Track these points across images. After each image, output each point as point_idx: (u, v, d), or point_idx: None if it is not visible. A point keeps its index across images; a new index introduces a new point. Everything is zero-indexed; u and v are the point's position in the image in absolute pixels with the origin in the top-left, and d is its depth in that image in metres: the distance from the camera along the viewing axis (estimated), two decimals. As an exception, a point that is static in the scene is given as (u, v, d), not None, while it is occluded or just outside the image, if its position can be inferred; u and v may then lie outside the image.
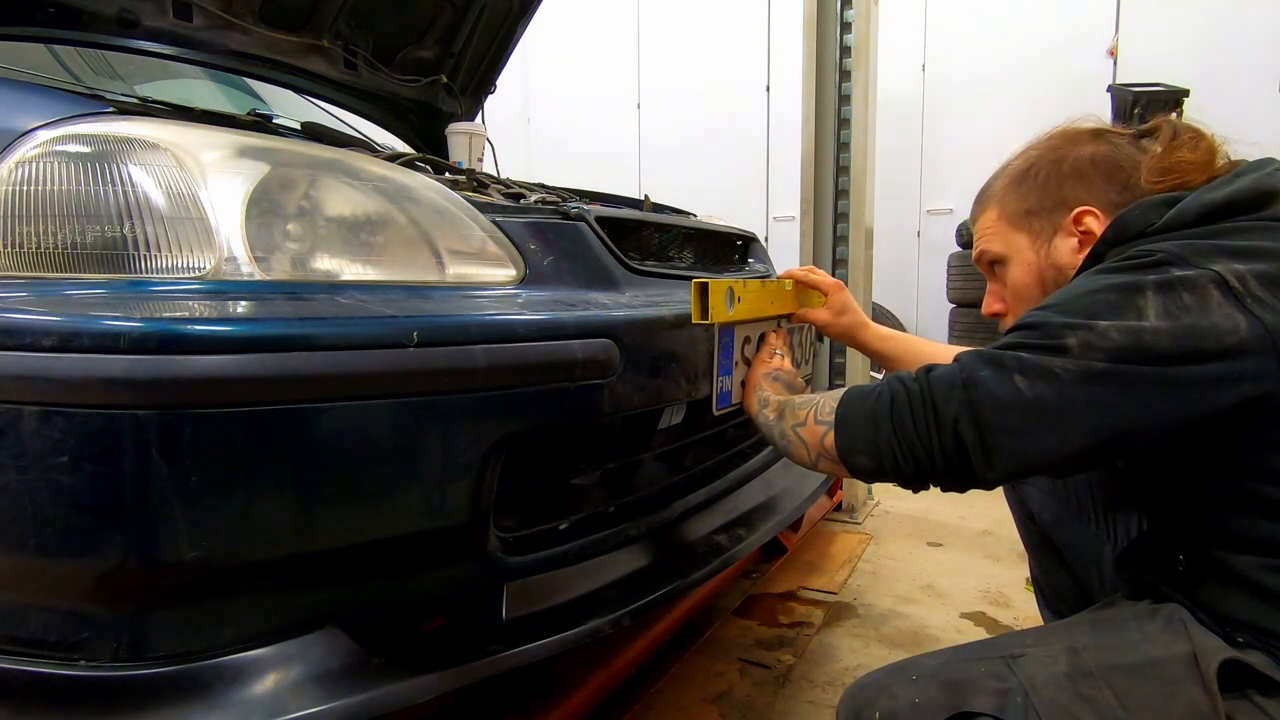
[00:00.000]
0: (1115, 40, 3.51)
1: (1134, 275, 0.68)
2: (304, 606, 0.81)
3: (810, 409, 0.85)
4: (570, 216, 1.14)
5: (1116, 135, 0.88)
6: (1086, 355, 0.66)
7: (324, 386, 0.74)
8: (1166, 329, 0.65)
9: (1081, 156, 0.87)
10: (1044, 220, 0.88)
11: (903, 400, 0.74)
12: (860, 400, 0.79)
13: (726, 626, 1.74)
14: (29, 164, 0.79)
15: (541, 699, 1.19)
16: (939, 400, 0.71)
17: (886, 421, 0.74)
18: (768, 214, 4.30)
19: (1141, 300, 0.66)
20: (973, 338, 3.40)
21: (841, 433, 0.79)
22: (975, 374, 0.70)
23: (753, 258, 1.76)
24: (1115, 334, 0.66)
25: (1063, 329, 0.68)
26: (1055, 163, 0.88)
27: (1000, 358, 0.70)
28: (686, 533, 1.25)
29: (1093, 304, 0.68)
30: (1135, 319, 0.66)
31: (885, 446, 0.74)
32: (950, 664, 0.75)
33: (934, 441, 0.71)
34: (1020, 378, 0.68)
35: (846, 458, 0.79)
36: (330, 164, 0.93)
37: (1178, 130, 0.84)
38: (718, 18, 4.38)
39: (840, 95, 2.84)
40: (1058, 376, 0.67)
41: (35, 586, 0.75)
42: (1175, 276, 0.66)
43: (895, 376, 0.77)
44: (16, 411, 0.69)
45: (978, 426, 0.69)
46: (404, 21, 2.11)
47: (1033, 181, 0.89)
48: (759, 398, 1.04)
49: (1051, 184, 0.88)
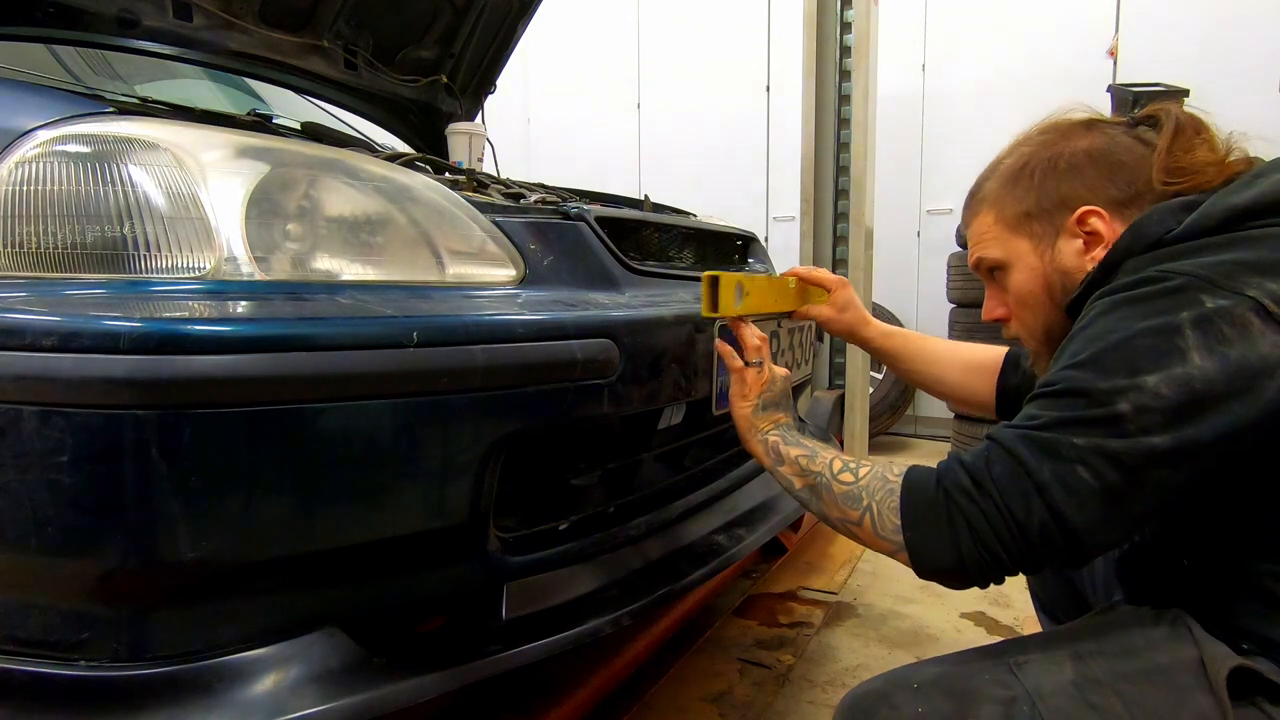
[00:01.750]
0: (1115, 40, 3.51)
1: (1165, 314, 0.65)
2: (304, 606, 0.81)
3: (863, 513, 0.78)
4: (570, 216, 1.14)
5: (1110, 125, 0.85)
6: (1143, 421, 0.63)
7: (324, 386, 0.74)
8: (1216, 371, 0.63)
9: (1077, 151, 0.83)
10: (1044, 223, 0.84)
11: (980, 521, 0.69)
12: (929, 522, 0.73)
13: (726, 626, 1.74)
14: (29, 164, 0.79)
15: (541, 699, 1.19)
16: (1018, 512, 0.67)
17: (970, 545, 0.69)
18: (768, 214, 4.30)
19: (1181, 341, 0.64)
20: (973, 338, 3.39)
21: (918, 558, 0.74)
22: (1039, 476, 0.66)
23: (753, 258, 1.76)
24: (1166, 389, 0.63)
25: (1111, 395, 0.65)
26: (1050, 160, 0.84)
27: (1056, 445, 0.66)
28: (686, 533, 1.25)
29: (1132, 355, 0.65)
30: (1180, 365, 0.63)
31: (972, 564, 0.70)
32: (952, 671, 0.74)
33: (1023, 550, 0.68)
34: (1083, 468, 0.65)
35: (927, 576, 0.75)
36: (330, 164, 0.93)
37: (1180, 124, 0.80)
38: (718, 18, 4.38)
39: (840, 95, 2.84)
40: (1122, 462, 0.64)
41: (35, 586, 0.75)
42: (1210, 309, 0.64)
43: (956, 485, 0.71)
44: (17, 412, 0.69)
45: (1061, 529, 0.66)
46: (404, 21, 2.11)
47: (1028, 181, 0.85)
48: (763, 444, 0.95)
49: (1049, 183, 0.84)
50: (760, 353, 1.01)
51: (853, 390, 2.90)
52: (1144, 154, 0.81)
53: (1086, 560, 0.69)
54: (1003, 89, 3.73)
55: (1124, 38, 3.50)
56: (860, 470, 0.81)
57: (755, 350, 1.01)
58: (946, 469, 0.73)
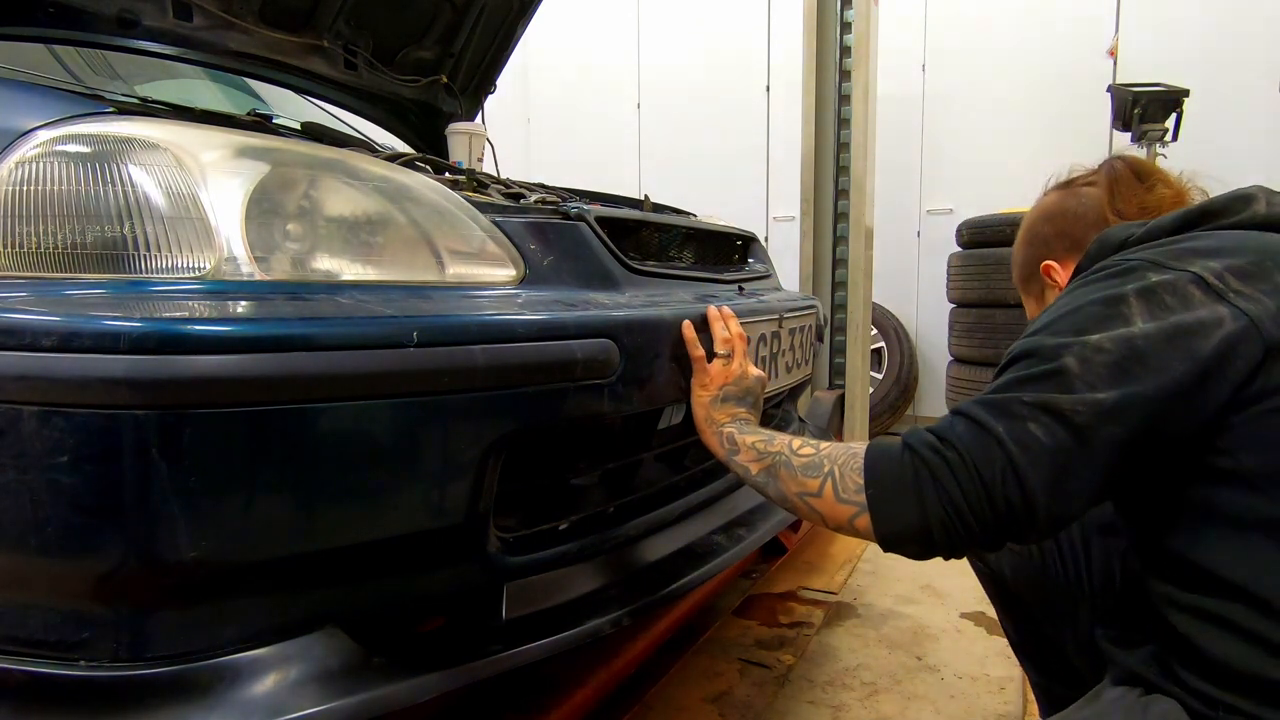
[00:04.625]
0: (1115, 40, 3.51)
1: (1115, 287, 0.70)
2: (304, 606, 0.81)
3: (823, 479, 0.78)
4: (570, 216, 1.14)
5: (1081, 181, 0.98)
6: (1088, 376, 0.66)
7: (324, 386, 0.74)
8: (1155, 329, 0.66)
9: (1038, 218, 1.00)
10: (1035, 282, 1.01)
11: (945, 473, 0.69)
12: (893, 476, 0.72)
13: (726, 626, 1.74)
14: (29, 164, 0.79)
15: (542, 699, 1.19)
16: (980, 462, 0.67)
17: (934, 500, 0.69)
18: (768, 214, 4.30)
19: (1126, 308, 0.68)
20: (972, 337, 3.39)
21: (880, 518, 0.73)
22: (996, 430, 0.67)
23: (753, 258, 1.76)
24: (1108, 344, 0.66)
25: (1056, 350, 0.68)
26: (1025, 229, 1.02)
27: (1008, 405, 0.68)
28: (686, 533, 1.25)
29: (1080, 320, 0.69)
30: (1123, 326, 0.67)
31: (937, 525, 0.69)
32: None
33: (988, 513, 0.67)
34: (1034, 425, 0.66)
35: (889, 543, 0.73)
36: (330, 164, 0.93)
37: (1117, 173, 0.93)
38: (718, 18, 4.38)
39: (840, 95, 2.84)
40: (1069, 418, 0.65)
41: (35, 586, 0.75)
42: (1155, 281, 0.69)
43: (920, 442, 0.72)
44: (16, 411, 0.69)
45: (1019, 484, 0.66)
46: (404, 21, 2.11)
47: (1018, 252, 1.04)
48: (718, 435, 0.95)
49: (1024, 251, 1.02)
50: (729, 345, 1.02)
51: (853, 390, 2.90)
52: (1099, 198, 0.93)
53: (1042, 530, 0.69)
54: (1003, 89, 3.73)
55: (1124, 38, 3.50)
56: (822, 444, 0.82)
57: (724, 343, 1.03)
58: (911, 432, 0.74)
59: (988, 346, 3.32)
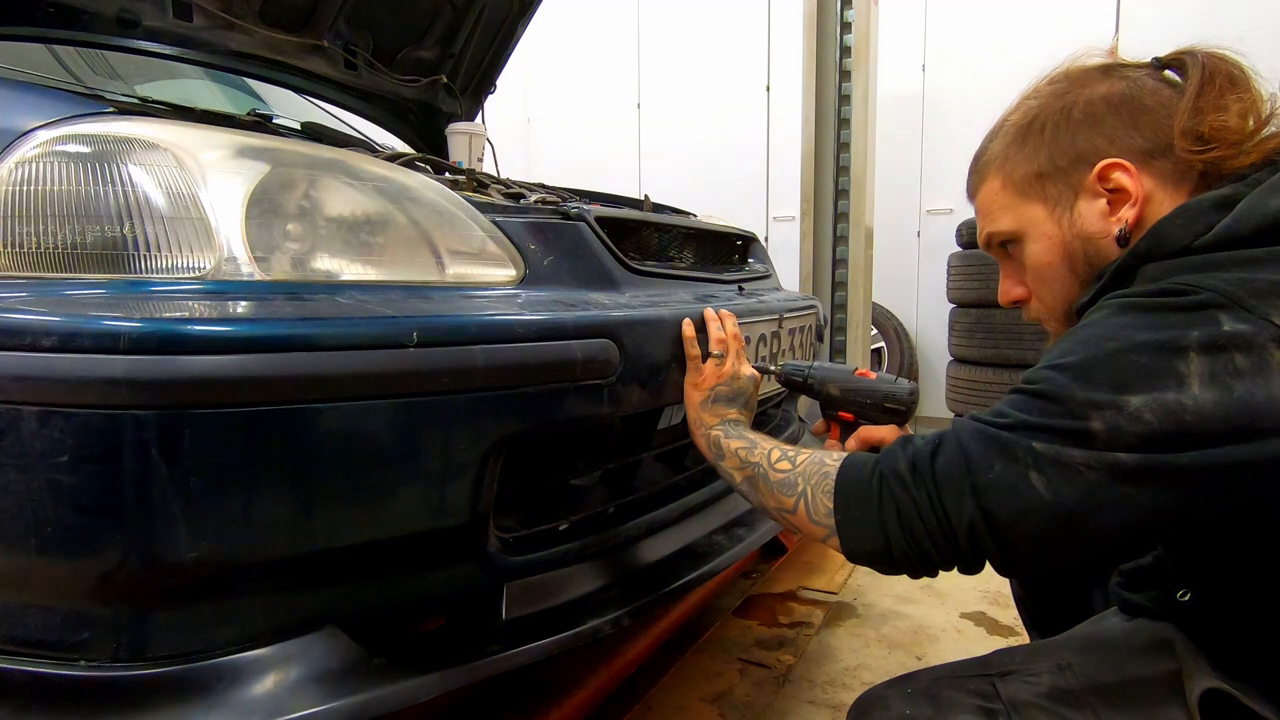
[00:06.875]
0: (1115, 40, 3.51)
1: (1174, 329, 0.56)
2: (304, 606, 0.81)
3: (797, 499, 0.76)
4: (570, 216, 1.14)
5: (1132, 69, 0.74)
6: (1114, 441, 0.56)
7: (324, 387, 0.74)
8: (1213, 404, 0.53)
9: (1094, 99, 0.72)
10: (1060, 183, 0.72)
11: (910, 510, 0.65)
12: (860, 504, 0.69)
13: (726, 626, 1.74)
14: (29, 164, 0.79)
15: (541, 699, 1.19)
16: (950, 509, 0.63)
17: (898, 534, 0.66)
18: (768, 214, 4.30)
19: (1183, 365, 0.55)
20: (973, 337, 3.39)
21: (846, 541, 0.71)
22: (984, 475, 0.61)
23: (752, 258, 1.76)
24: (1149, 415, 0.55)
25: (1086, 408, 0.57)
26: (1063, 110, 0.73)
27: (1013, 447, 0.60)
28: (686, 533, 1.25)
29: (1122, 370, 0.57)
30: (1174, 390, 0.54)
31: (899, 554, 0.67)
32: (943, 680, 0.75)
33: (951, 550, 0.64)
34: (1037, 475, 0.58)
35: (856, 560, 0.72)
36: (330, 164, 0.93)
37: (1209, 73, 0.68)
38: (718, 18, 4.38)
39: (840, 95, 2.84)
40: (1080, 475, 0.57)
41: (35, 586, 0.75)
42: (1226, 333, 0.54)
43: (892, 469, 0.68)
44: (16, 412, 0.69)
45: (995, 536, 0.61)
46: (404, 21, 2.11)
47: (1039, 137, 0.74)
48: (706, 438, 0.93)
49: (1063, 136, 0.72)
50: (724, 346, 1.01)
51: (853, 390, 2.90)
52: (1172, 98, 0.70)
53: (1020, 575, 0.69)
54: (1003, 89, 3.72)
55: (1124, 38, 3.50)
56: (798, 458, 0.79)
57: (719, 343, 1.02)
58: (888, 453, 0.70)
59: (988, 347, 3.31)
